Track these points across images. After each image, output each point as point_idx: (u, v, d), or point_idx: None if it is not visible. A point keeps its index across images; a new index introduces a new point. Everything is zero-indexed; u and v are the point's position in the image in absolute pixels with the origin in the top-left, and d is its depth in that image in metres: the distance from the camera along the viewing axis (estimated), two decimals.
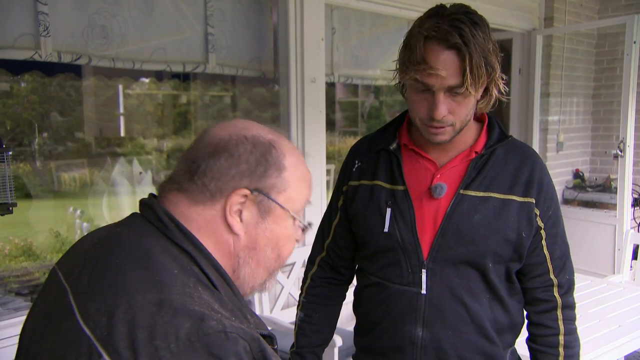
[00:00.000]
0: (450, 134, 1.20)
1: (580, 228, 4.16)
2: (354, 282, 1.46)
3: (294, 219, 0.85)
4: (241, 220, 0.80)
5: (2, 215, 2.08)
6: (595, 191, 4.57)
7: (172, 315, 0.67)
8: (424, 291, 1.24)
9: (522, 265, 1.29)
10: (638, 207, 4.52)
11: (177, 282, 0.71)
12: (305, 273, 1.49)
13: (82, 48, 2.25)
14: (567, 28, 4.43)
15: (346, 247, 1.41)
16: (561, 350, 1.29)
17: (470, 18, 1.13)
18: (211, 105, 6.32)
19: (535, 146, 4.40)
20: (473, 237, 1.22)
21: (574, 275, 1.33)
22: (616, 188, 4.08)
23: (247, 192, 0.79)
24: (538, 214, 1.25)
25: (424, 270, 1.24)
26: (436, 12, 1.14)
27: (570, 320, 1.30)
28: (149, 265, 0.73)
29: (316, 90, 2.98)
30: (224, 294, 0.77)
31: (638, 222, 4.53)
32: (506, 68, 4.53)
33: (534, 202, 1.24)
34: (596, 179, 4.76)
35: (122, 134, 6.59)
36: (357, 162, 1.37)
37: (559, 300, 1.29)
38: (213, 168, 0.78)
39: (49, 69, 3.00)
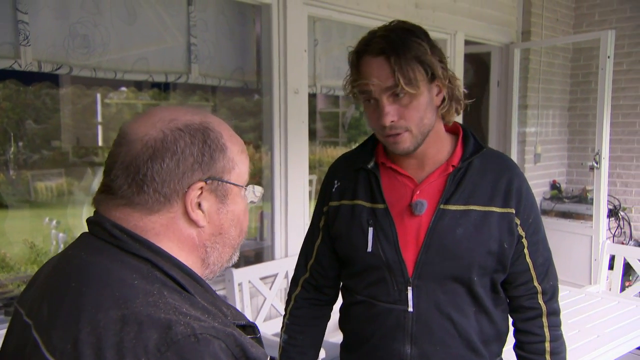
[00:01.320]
0: (410, 140, 1.21)
1: (558, 238, 4.22)
2: (340, 299, 1.46)
3: (246, 189, 0.86)
4: (203, 211, 0.79)
5: None
6: (571, 202, 4.65)
7: (137, 329, 0.65)
8: (410, 309, 1.25)
9: (507, 274, 1.30)
10: (613, 218, 4.61)
11: (138, 294, 0.69)
12: (289, 294, 1.47)
13: (63, 57, 2.22)
14: (543, 42, 4.53)
15: (330, 267, 1.41)
16: (548, 357, 1.30)
17: (402, 27, 1.20)
18: None
19: (514, 157, 4.47)
20: (456, 252, 1.23)
21: (557, 281, 1.34)
22: (592, 199, 4.15)
23: (202, 184, 0.78)
24: (519, 223, 1.26)
25: (409, 288, 1.25)
26: (372, 32, 1.21)
27: (555, 326, 1.31)
28: (107, 282, 0.71)
29: (299, 101, 2.99)
30: (193, 292, 0.76)
31: (613, 233, 4.62)
32: (485, 80, 4.60)
33: (514, 212, 1.25)
34: (572, 190, 4.85)
35: (100, 143, 6.50)
36: (336, 182, 1.37)
37: (544, 308, 1.30)
38: (160, 172, 0.75)
39: (27, 77, 2.95)
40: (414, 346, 1.25)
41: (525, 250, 1.28)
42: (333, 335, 2.36)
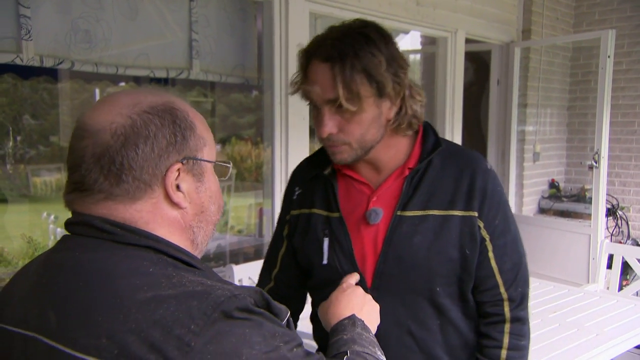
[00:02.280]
0: (348, 153, 1.13)
1: (556, 237, 4.24)
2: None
3: (219, 164, 0.85)
4: (182, 192, 0.78)
5: None
6: (570, 201, 4.66)
7: (175, 303, 0.65)
8: None
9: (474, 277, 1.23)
10: (611, 217, 4.63)
11: (160, 279, 0.69)
12: None
13: (65, 52, 2.21)
14: (543, 41, 4.53)
15: (295, 276, 1.34)
16: None
17: (362, 32, 1.08)
18: None
19: (513, 156, 4.48)
20: (414, 262, 1.15)
21: (527, 287, 1.24)
22: (590, 198, 4.16)
23: (179, 165, 0.77)
24: (482, 225, 1.17)
25: None
26: (330, 28, 1.11)
27: (517, 335, 1.22)
28: (119, 274, 0.70)
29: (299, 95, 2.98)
30: (203, 269, 0.76)
31: (611, 232, 4.64)
32: (485, 79, 4.61)
33: (477, 214, 1.17)
34: (571, 189, 4.86)
35: None
36: (297, 188, 1.32)
37: (508, 315, 1.22)
38: (137, 159, 0.73)
39: (25, 71, 2.94)
40: None
41: (490, 254, 1.19)
42: None
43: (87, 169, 0.74)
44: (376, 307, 1.07)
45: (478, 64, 4.73)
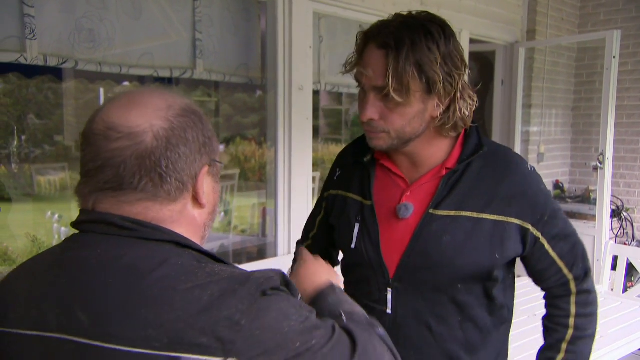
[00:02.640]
0: (385, 141, 1.14)
1: None
2: None
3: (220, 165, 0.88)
4: (204, 193, 0.82)
5: None
6: (574, 202, 4.64)
7: (218, 289, 0.68)
8: (389, 310, 1.22)
9: (533, 272, 1.27)
10: (616, 219, 4.61)
11: (194, 269, 0.71)
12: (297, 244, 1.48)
13: (69, 52, 2.21)
14: (548, 41, 4.52)
15: (329, 236, 1.42)
16: (570, 331, 1.27)
17: (424, 26, 1.07)
18: None
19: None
20: (440, 260, 1.17)
21: (588, 261, 1.28)
22: (595, 199, 4.15)
23: (207, 167, 0.81)
24: (530, 228, 1.18)
25: (389, 289, 1.22)
26: (395, 16, 1.12)
27: (584, 304, 1.26)
28: (150, 267, 0.70)
29: (304, 97, 2.98)
30: (223, 260, 0.79)
31: (616, 234, 4.62)
32: (489, 79, 4.59)
33: (519, 220, 1.17)
34: (575, 190, 4.84)
35: None
36: (338, 170, 1.37)
37: (574, 290, 1.26)
38: (179, 161, 0.76)
39: (30, 70, 2.95)
40: None
41: (547, 247, 1.21)
42: None
43: (128, 169, 0.74)
44: (338, 276, 1.12)
45: (482, 64, 4.71)
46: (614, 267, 3.67)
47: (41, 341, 0.71)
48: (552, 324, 1.30)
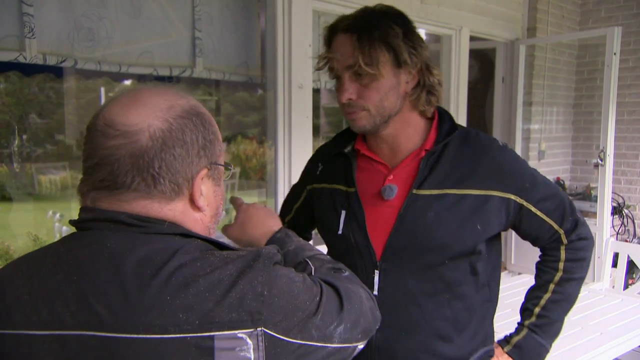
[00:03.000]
0: (366, 119, 1.20)
1: None
2: None
3: (227, 168, 0.89)
4: (203, 196, 0.82)
5: None
6: (575, 199, 4.63)
7: (234, 268, 0.72)
8: (375, 292, 1.25)
9: (527, 235, 1.33)
10: (617, 216, 4.60)
11: (206, 256, 0.74)
12: None
13: (68, 50, 2.22)
14: (549, 38, 4.51)
15: (304, 222, 1.49)
16: (559, 274, 1.34)
17: (381, 9, 1.19)
18: None
19: (518, 154, 4.45)
20: (425, 238, 1.22)
21: (576, 211, 1.35)
22: (596, 196, 4.14)
23: (206, 170, 0.81)
24: (513, 197, 1.25)
25: (376, 272, 1.25)
26: (356, 10, 1.21)
27: (575, 249, 1.34)
28: (166, 258, 0.72)
29: (303, 95, 2.98)
30: (229, 247, 0.81)
31: (617, 231, 4.61)
32: (489, 77, 4.59)
33: (499, 192, 1.23)
34: (576, 188, 4.83)
35: None
36: (320, 165, 1.41)
37: (566, 241, 1.33)
38: (173, 163, 0.76)
39: (29, 69, 2.94)
40: (379, 331, 1.23)
41: (534, 210, 1.28)
42: None
43: (121, 168, 0.75)
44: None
45: (483, 61, 4.71)
46: (614, 264, 3.67)
47: (57, 340, 0.71)
48: (542, 267, 1.38)
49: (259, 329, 0.70)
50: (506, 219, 1.27)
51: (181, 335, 0.68)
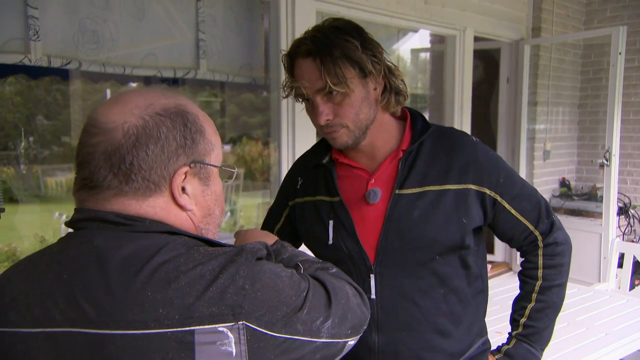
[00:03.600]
0: (348, 135, 1.22)
1: None
2: None
3: (225, 168, 0.89)
4: (188, 195, 0.81)
5: None
6: (581, 200, 4.62)
7: (217, 263, 0.72)
8: (373, 296, 1.26)
9: (501, 234, 1.35)
10: (623, 216, 4.58)
11: (191, 252, 0.74)
12: None
13: (72, 53, 2.23)
14: (554, 38, 4.49)
15: None
16: (539, 282, 1.37)
17: (333, 25, 1.18)
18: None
19: (523, 154, 4.44)
20: (415, 235, 1.24)
21: (552, 214, 1.36)
22: (602, 197, 4.12)
23: (186, 168, 0.80)
24: (488, 191, 1.27)
25: (372, 276, 1.26)
26: (305, 32, 1.20)
27: (550, 255, 1.35)
28: (150, 255, 0.73)
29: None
30: (218, 243, 0.82)
31: (623, 231, 4.59)
32: (494, 77, 4.58)
33: (475, 185, 1.26)
34: (582, 188, 4.81)
35: None
36: (299, 179, 1.41)
37: (541, 244, 1.35)
38: (146, 159, 0.76)
39: (35, 71, 2.97)
40: (380, 334, 1.27)
41: (508, 207, 1.30)
42: None
43: (96, 165, 0.76)
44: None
45: (487, 61, 4.70)
46: (620, 265, 3.65)
47: (48, 338, 0.72)
48: (524, 277, 1.40)
49: (240, 322, 0.70)
50: (483, 212, 1.29)
51: (161, 330, 0.68)
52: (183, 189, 0.80)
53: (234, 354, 0.70)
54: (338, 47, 1.14)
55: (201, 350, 0.69)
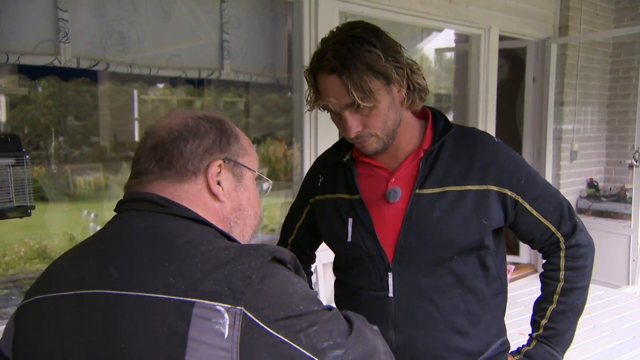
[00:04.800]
0: (378, 143, 1.23)
1: (594, 238, 4.09)
2: (333, 291, 1.51)
3: (260, 177, 0.97)
4: (222, 188, 0.89)
5: (21, 217, 2.10)
6: (609, 201, 4.53)
7: (235, 251, 0.77)
8: (390, 294, 1.27)
9: (523, 235, 1.34)
10: None
11: (215, 238, 0.80)
12: None
13: (100, 54, 2.29)
14: (582, 37, 4.42)
15: (307, 242, 1.52)
16: (560, 284, 1.35)
17: (352, 35, 1.15)
18: (224, 110, 6.36)
19: (549, 155, 4.38)
20: (434, 235, 1.24)
21: (575, 216, 1.35)
22: (631, 198, 4.04)
23: (220, 161, 0.89)
24: (509, 192, 1.26)
25: (390, 274, 1.27)
26: (324, 41, 1.19)
27: (573, 257, 1.34)
28: (179, 234, 0.80)
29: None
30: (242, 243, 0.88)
31: None
32: (520, 77, 4.52)
33: (496, 186, 1.25)
34: (610, 189, 4.72)
35: (137, 138, 6.65)
36: (320, 176, 1.42)
37: (564, 246, 1.34)
38: (185, 150, 0.87)
39: (66, 73, 3.05)
40: (397, 332, 1.27)
41: (529, 208, 1.29)
42: None
43: (145, 158, 0.88)
44: None
45: (513, 61, 4.64)
46: None
47: (77, 297, 0.80)
48: (545, 279, 1.39)
49: (238, 307, 0.71)
50: (504, 214, 1.28)
51: (166, 296, 0.73)
52: (218, 183, 0.89)
53: (225, 336, 0.71)
54: (361, 59, 1.13)
55: (196, 323, 0.71)
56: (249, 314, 0.72)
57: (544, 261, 1.40)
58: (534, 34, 4.25)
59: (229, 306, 0.72)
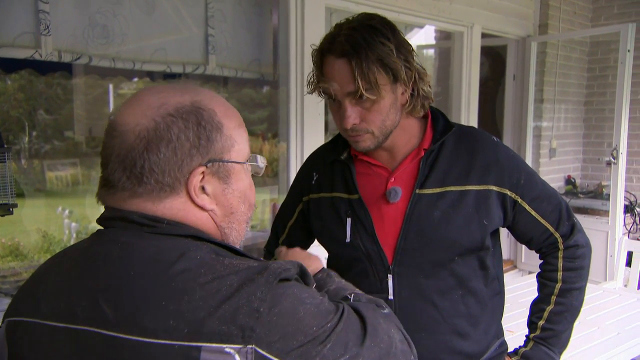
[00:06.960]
0: (371, 140, 1.19)
1: None
2: None
3: (250, 164, 0.85)
4: (208, 195, 0.78)
5: (3, 216, 2.02)
6: (587, 197, 4.61)
7: (237, 279, 0.69)
8: (390, 296, 1.25)
9: (521, 235, 1.34)
10: (629, 214, 4.57)
11: (212, 263, 0.71)
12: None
13: (83, 47, 2.21)
14: (561, 35, 4.47)
15: (299, 242, 1.44)
16: (558, 284, 1.35)
17: (369, 25, 1.13)
18: None
19: (528, 152, 4.43)
20: (435, 235, 1.22)
21: (573, 217, 1.35)
22: (608, 195, 4.12)
23: (202, 168, 0.77)
24: (508, 192, 1.26)
25: (389, 276, 1.25)
26: (338, 26, 1.15)
27: (571, 258, 1.33)
28: (172, 261, 0.71)
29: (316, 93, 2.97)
30: (243, 252, 0.79)
31: (629, 229, 4.58)
32: (500, 74, 4.56)
33: (497, 186, 1.24)
34: (588, 186, 4.81)
35: None
36: (314, 174, 1.38)
37: (562, 246, 1.34)
38: (158, 162, 0.74)
39: (43, 67, 2.95)
40: None
41: (528, 209, 1.28)
42: None
43: (113, 168, 0.76)
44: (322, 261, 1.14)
45: (494, 58, 4.68)
46: (628, 263, 3.65)
47: (70, 334, 0.73)
48: (543, 279, 1.38)
49: (249, 346, 0.66)
50: (504, 214, 1.28)
51: (169, 342, 0.67)
52: (203, 189, 0.78)
53: None
54: (374, 49, 1.10)
55: None
56: (261, 350, 0.67)
57: (541, 262, 1.40)
58: (515, 32, 4.29)
59: (240, 346, 0.66)
